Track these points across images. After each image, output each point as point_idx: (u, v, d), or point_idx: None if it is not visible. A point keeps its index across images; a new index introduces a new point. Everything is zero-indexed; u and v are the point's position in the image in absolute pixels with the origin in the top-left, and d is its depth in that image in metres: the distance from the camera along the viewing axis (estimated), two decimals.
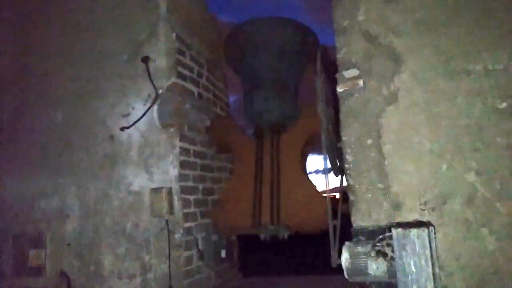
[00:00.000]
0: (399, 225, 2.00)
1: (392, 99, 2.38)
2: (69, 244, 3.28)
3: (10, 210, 3.51)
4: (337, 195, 2.85)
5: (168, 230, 2.94)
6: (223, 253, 3.59)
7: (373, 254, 1.97)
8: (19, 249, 3.29)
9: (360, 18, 2.51)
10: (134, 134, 3.19)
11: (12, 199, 3.53)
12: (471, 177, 2.21)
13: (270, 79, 3.46)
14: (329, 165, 2.64)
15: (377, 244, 2.01)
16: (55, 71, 3.57)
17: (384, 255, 1.96)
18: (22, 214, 3.47)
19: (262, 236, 3.12)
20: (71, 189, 3.34)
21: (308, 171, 3.62)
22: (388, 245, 1.98)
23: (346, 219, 2.52)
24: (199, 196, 3.35)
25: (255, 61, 3.51)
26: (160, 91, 3.12)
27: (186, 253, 3.02)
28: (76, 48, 3.51)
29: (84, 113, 3.40)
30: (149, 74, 3.12)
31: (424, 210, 2.25)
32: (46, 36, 3.67)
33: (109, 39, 3.38)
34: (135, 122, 3.13)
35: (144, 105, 3.17)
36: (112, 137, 3.26)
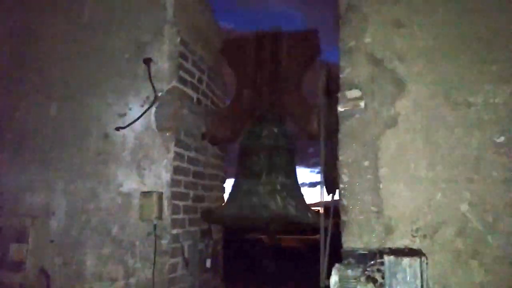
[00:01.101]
0: (391, 251, 1.99)
1: (392, 123, 2.39)
2: (52, 241, 3.20)
3: None
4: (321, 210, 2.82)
5: (156, 235, 2.90)
6: (208, 263, 3.54)
7: (363, 279, 1.96)
8: (1, 242, 3.22)
9: (367, 40, 2.52)
10: (129, 134, 3.15)
11: None
12: (464, 207, 2.22)
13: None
14: (323, 181, 2.64)
15: (368, 269, 2.00)
16: (53, 65, 3.52)
17: (374, 281, 1.95)
18: (7, 207, 3.39)
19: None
20: (59, 185, 3.28)
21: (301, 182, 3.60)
22: (379, 270, 1.97)
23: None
24: (189, 202, 3.31)
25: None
26: (159, 94, 3.09)
27: (172, 260, 2.97)
28: (77, 43, 3.47)
29: (79, 109, 3.35)
30: (149, 76, 3.09)
31: (415, 236, 2.26)
32: (47, 29, 3.62)
33: (111, 37, 3.34)
34: (131, 122, 3.09)
35: (142, 106, 3.14)
36: (106, 135, 3.21)
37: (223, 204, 3.74)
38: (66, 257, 3.16)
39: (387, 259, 1.89)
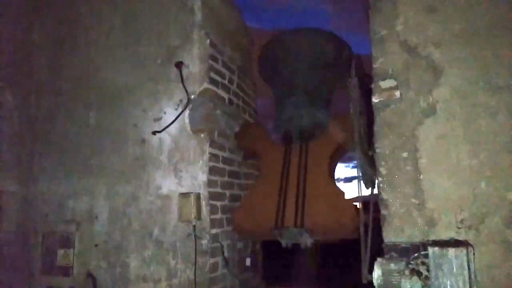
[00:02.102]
0: (435, 243, 1.93)
1: (430, 111, 2.31)
2: (96, 245, 3.31)
3: (41, 210, 3.59)
4: (358, 205, 2.77)
5: (195, 235, 2.93)
6: (247, 261, 3.56)
7: (407, 272, 1.90)
8: (48, 248, 3.36)
9: (399, 27, 2.46)
10: (165, 138, 3.21)
11: (43, 199, 3.60)
12: (511, 195, 2.12)
13: (302, 87, 3.45)
14: (360, 175, 2.59)
15: (411, 262, 1.94)
16: (89, 74, 3.64)
17: (419, 274, 1.89)
18: (52, 214, 3.53)
19: (284, 242, 3.05)
20: (101, 190, 3.39)
21: (336, 177, 3.56)
22: (423, 263, 1.91)
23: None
24: (226, 202, 3.34)
25: (289, 70, 3.53)
26: (192, 97, 3.13)
27: (212, 260, 3.00)
28: (111, 52, 3.57)
29: (116, 116, 3.45)
30: (182, 79, 3.14)
31: (460, 228, 2.17)
32: (83, 39, 3.75)
33: (144, 44, 3.42)
34: (167, 126, 3.15)
35: (176, 109, 3.19)
36: (143, 140, 3.29)
37: None
38: (110, 260, 3.25)
39: (431, 250, 1.83)
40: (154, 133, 3.20)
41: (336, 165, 3.53)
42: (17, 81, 3.74)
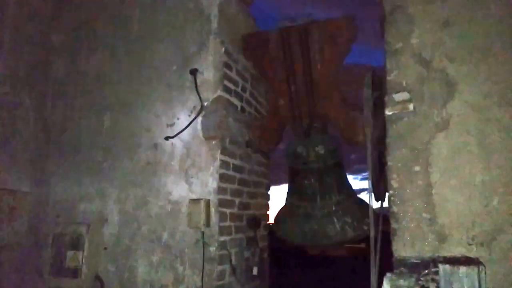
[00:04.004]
0: (446, 260, 1.91)
1: (444, 125, 2.30)
2: (105, 248, 3.33)
3: (53, 211, 3.62)
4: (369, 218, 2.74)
5: (204, 242, 2.94)
6: (255, 270, 3.54)
7: None
8: (58, 249, 3.37)
9: (414, 41, 2.46)
10: (177, 144, 3.23)
11: (55, 200, 3.64)
12: None
13: None
14: (371, 188, 2.58)
15: (421, 279, 1.92)
16: (105, 78, 3.69)
17: None
18: (63, 215, 3.56)
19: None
20: (112, 194, 3.41)
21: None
22: (433, 280, 1.89)
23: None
24: (235, 210, 3.34)
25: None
26: (205, 103, 3.16)
27: (220, 267, 3.00)
28: (127, 57, 3.62)
29: (130, 120, 3.48)
30: (196, 86, 3.17)
31: (471, 244, 2.15)
32: (99, 43, 3.80)
33: (159, 50, 3.46)
34: (179, 132, 3.17)
35: (189, 116, 3.21)
36: (155, 145, 3.32)
37: (278, 218, 3.74)
38: (118, 264, 3.27)
39: (442, 268, 1.81)
40: (166, 138, 3.22)
41: None
42: (33, 83, 3.80)
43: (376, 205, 2.67)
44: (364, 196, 2.70)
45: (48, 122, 3.85)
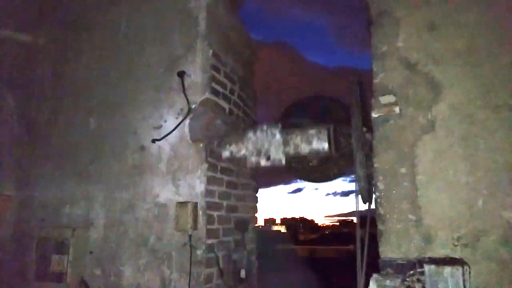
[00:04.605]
0: (431, 260, 1.93)
1: (429, 128, 2.33)
2: (91, 252, 3.29)
3: (37, 214, 3.57)
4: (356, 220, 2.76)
5: (191, 245, 2.92)
6: (242, 273, 3.53)
7: None
8: (42, 253, 3.32)
9: (400, 44, 2.48)
10: (164, 146, 3.21)
11: (40, 204, 3.58)
12: (508, 214, 2.13)
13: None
14: (358, 190, 2.59)
15: (407, 279, 1.94)
16: (92, 80, 3.66)
17: None
18: (48, 219, 3.51)
19: (251, 162, 2.99)
20: (98, 197, 3.38)
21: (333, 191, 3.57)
22: (419, 280, 1.90)
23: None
24: (223, 213, 3.33)
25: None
26: (193, 106, 3.15)
27: (207, 271, 2.98)
28: (114, 59, 3.59)
29: (117, 122, 3.45)
30: (183, 89, 3.16)
31: (456, 245, 2.17)
32: (85, 44, 3.77)
33: (147, 52, 3.44)
34: (166, 134, 3.16)
35: (176, 118, 3.20)
36: (142, 148, 3.29)
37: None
38: (104, 268, 3.23)
39: (427, 268, 1.83)
40: (153, 141, 3.20)
41: None
42: (18, 85, 3.76)
43: (364, 207, 2.68)
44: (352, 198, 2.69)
45: (33, 125, 3.80)
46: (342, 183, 2.95)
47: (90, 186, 3.43)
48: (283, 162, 2.88)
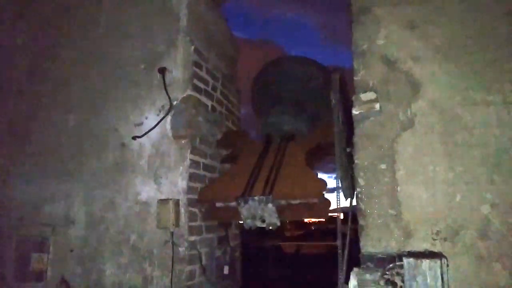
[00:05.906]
0: (410, 254, 1.96)
1: (409, 124, 2.36)
2: (72, 251, 3.24)
3: (16, 212, 3.50)
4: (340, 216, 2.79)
5: (173, 243, 2.91)
6: (225, 270, 3.53)
7: (382, 282, 1.92)
8: (22, 252, 3.27)
9: (380, 42, 2.51)
10: (145, 143, 3.18)
11: (19, 201, 3.51)
12: (485, 209, 2.17)
13: (288, 99, 3.61)
14: (340, 186, 2.61)
15: (387, 273, 1.96)
16: (71, 77, 3.60)
17: (394, 284, 1.91)
18: (27, 217, 3.45)
19: (246, 223, 2.92)
20: (79, 195, 3.33)
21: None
22: (398, 274, 1.93)
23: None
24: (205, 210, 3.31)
25: (279, 86, 3.72)
26: (174, 102, 3.13)
27: (189, 268, 2.97)
28: (94, 55, 3.54)
29: (97, 119, 3.40)
30: (164, 85, 3.13)
31: (435, 240, 2.21)
32: (64, 42, 3.70)
33: (127, 48, 3.40)
34: (148, 131, 3.13)
35: (158, 115, 3.17)
36: (123, 145, 3.25)
37: None
38: (85, 266, 3.19)
39: (406, 261, 1.86)
40: (134, 138, 3.17)
41: (316, 161, 3.61)
42: None
43: (345, 203, 2.71)
44: (334, 195, 2.70)
45: (11, 123, 3.73)
46: (328, 180, 2.94)
47: (70, 184, 3.38)
48: (278, 224, 2.92)
